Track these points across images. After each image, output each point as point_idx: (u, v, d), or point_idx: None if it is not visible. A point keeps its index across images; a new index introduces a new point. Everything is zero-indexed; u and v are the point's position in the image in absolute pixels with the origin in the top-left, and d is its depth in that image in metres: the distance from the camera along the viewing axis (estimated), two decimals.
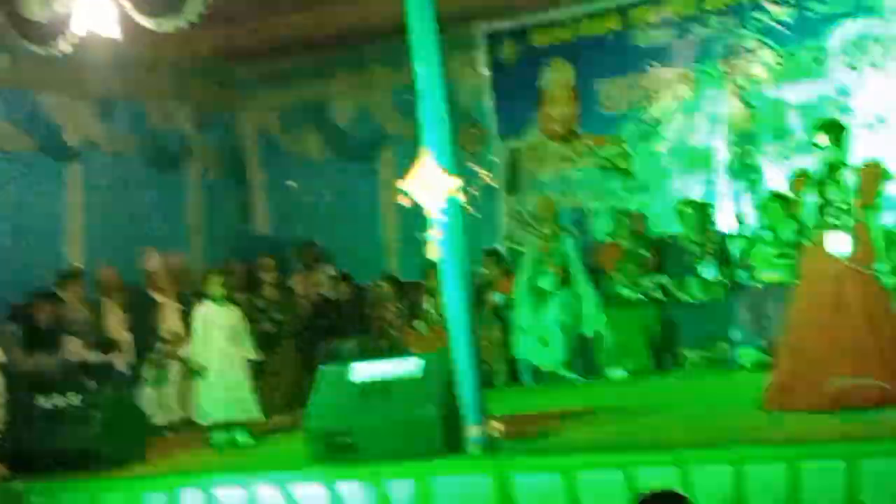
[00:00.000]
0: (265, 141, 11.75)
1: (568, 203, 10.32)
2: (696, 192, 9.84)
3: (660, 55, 10.01)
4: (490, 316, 9.59)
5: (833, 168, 6.42)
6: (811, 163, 6.57)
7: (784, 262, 8.32)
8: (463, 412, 6.10)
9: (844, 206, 6.37)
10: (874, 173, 6.55)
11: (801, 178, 6.56)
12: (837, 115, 8.87)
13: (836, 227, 6.36)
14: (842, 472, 5.14)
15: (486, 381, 8.74)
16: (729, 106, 9.77)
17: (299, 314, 10.34)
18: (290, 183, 11.54)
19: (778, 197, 8.66)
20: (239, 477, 6.54)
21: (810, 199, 6.42)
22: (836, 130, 6.52)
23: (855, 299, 6.30)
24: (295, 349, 9.92)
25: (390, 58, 9.89)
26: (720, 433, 6.02)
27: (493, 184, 10.65)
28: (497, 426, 6.13)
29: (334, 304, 10.39)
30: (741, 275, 9.10)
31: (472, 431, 6.06)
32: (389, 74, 10.38)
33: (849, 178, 6.41)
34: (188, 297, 9.19)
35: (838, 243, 6.34)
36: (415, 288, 10.17)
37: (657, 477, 5.31)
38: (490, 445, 6.05)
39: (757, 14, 9.62)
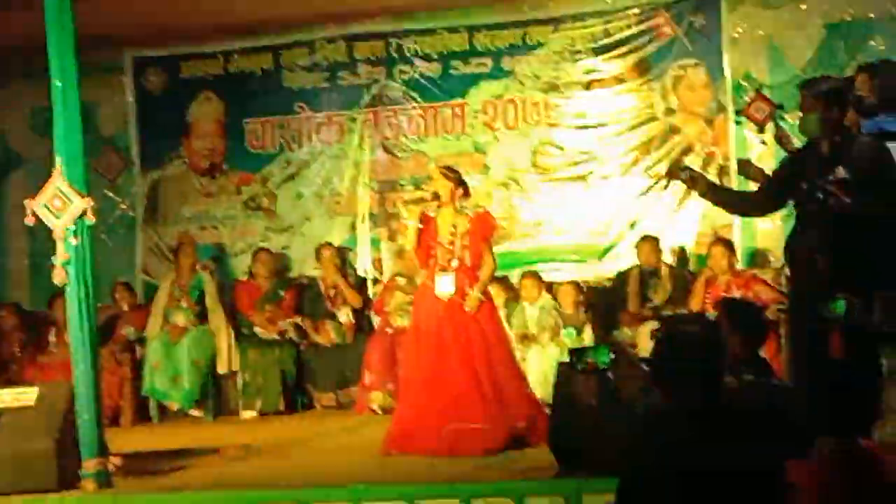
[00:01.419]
0: None
1: (208, 239, 10.17)
2: (338, 237, 9.95)
3: (309, 98, 10.08)
4: (120, 350, 9.26)
5: (444, 211, 6.77)
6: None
7: None
8: (80, 446, 5.86)
9: (452, 248, 6.70)
10: (482, 220, 6.91)
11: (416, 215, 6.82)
12: (473, 171, 9.36)
13: (443, 269, 6.69)
14: None
15: (112, 416, 8.58)
16: (373, 154, 9.97)
17: None
18: None
19: None
20: None
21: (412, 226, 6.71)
22: (453, 177, 6.86)
23: (454, 341, 6.60)
24: None
25: (28, 75, 9.44)
26: (342, 474, 6.08)
27: (131, 214, 10.34)
28: (115, 461, 5.92)
29: None
30: (375, 319, 9.31)
31: (89, 466, 5.82)
32: (26, 92, 9.86)
33: (459, 224, 6.75)
34: None
35: (442, 285, 6.65)
36: (41, 318, 9.68)
37: None
38: (107, 481, 5.84)
39: (404, 66, 9.92)
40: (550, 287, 8.98)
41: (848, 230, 5.10)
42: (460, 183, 6.89)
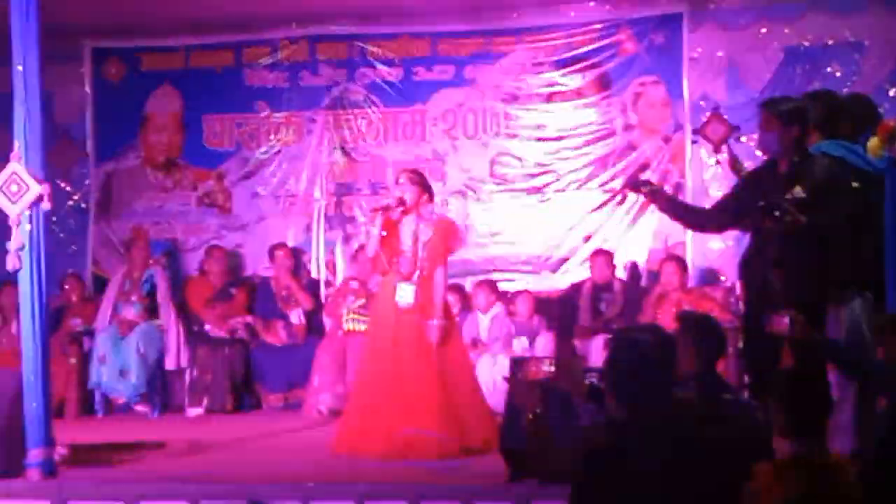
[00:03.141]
0: None
1: (161, 234, 10.10)
2: (292, 237, 9.92)
3: (269, 97, 10.04)
4: (67, 342, 9.17)
5: (407, 218, 6.73)
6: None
7: (367, 312, 8.53)
8: (26, 435, 5.80)
9: (414, 259, 6.65)
10: (447, 230, 6.84)
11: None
12: (430, 178, 9.33)
13: (405, 279, 6.62)
14: None
15: (57, 408, 8.48)
16: (331, 156, 9.95)
17: None
18: None
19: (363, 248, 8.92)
20: None
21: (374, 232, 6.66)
22: (420, 181, 6.80)
23: (411, 351, 6.55)
24: None
25: None
26: (291, 472, 6.06)
27: (83, 205, 10.24)
28: (61, 452, 5.86)
29: None
30: (327, 322, 9.29)
31: (35, 456, 5.76)
32: None
33: (422, 232, 6.70)
34: None
35: (403, 295, 6.60)
36: None
37: None
38: (52, 471, 5.78)
39: (366, 70, 9.91)
40: (504, 296, 9.02)
41: (802, 248, 5.18)
42: (426, 188, 6.83)
